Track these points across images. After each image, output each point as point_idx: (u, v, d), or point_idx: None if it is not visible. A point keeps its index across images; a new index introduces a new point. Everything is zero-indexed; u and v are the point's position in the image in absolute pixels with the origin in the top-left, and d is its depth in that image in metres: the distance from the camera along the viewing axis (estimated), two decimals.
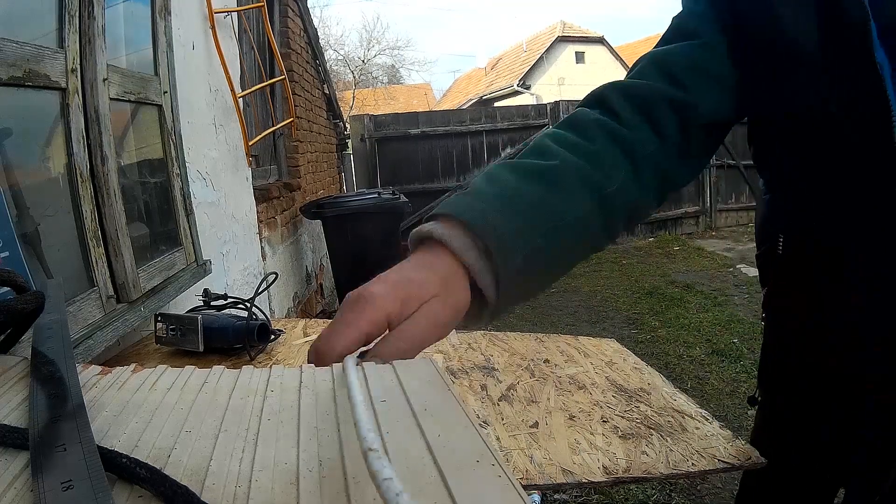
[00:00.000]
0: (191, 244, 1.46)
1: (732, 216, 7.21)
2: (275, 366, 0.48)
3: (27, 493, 0.25)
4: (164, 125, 1.39)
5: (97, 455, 0.27)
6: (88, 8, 1.03)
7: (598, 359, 1.13)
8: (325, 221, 3.15)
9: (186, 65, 1.64)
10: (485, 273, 0.44)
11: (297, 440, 0.35)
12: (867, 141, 0.51)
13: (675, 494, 1.76)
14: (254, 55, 2.77)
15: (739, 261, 5.24)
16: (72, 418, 0.32)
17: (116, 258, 1.08)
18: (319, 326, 1.30)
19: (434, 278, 0.42)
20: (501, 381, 0.98)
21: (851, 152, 0.53)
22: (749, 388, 2.49)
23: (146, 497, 0.26)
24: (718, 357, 2.89)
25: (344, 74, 18.27)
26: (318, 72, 4.74)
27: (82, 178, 1.02)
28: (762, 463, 0.72)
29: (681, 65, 0.58)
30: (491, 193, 0.48)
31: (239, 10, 2.28)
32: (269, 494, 0.27)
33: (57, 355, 0.45)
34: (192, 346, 1.05)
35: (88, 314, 0.99)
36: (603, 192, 0.52)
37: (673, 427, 0.83)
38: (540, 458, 0.72)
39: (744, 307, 3.78)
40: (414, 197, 3.86)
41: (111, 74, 1.11)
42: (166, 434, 0.35)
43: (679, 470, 0.72)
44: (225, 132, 1.98)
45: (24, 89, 0.90)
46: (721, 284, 4.43)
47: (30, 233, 0.91)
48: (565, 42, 17.31)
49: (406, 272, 0.44)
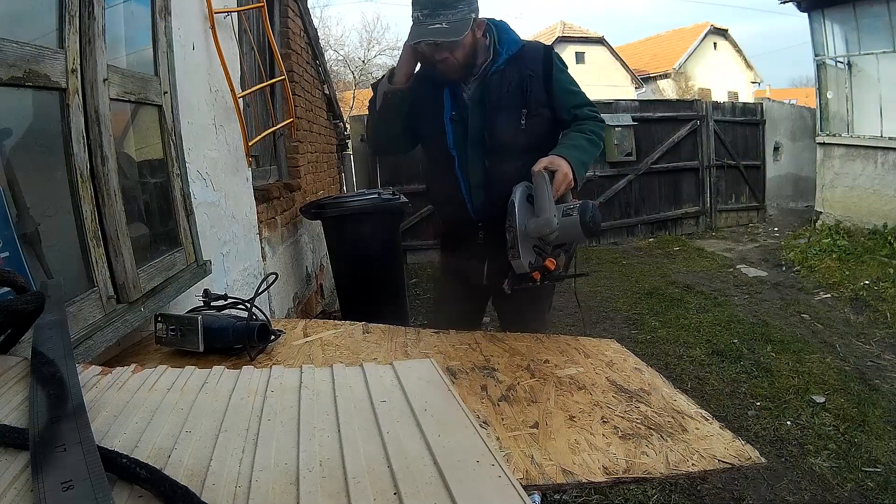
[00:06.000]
0: (191, 244, 1.46)
1: (732, 216, 7.21)
2: (275, 366, 0.48)
3: (27, 493, 0.25)
4: (164, 125, 1.39)
5: (97, 455, 0.27)
6: (88, 8, 1.03)
7: (598, 359, 1.13)
8: (325, 222, 3.14)
9: (186, 65, 1.64)
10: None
11: (297, 440, 0.35)
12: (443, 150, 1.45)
13: (675, 494, 1.76)
14: (254, 55, 2.78)
15: (739, 261, 5.24)
16: (72, 418, 0.32)
17: (116, 258, 1.08)
18: (319, 327, 1.30)
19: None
20: (501, 381, 0.98)
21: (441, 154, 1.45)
22: (749, 388, 2.49)
23: (146, 497, 0.26)
24: (718, 357, 2.89)
25: (344, 75, 18.28)
26: (319, 72, 4.74)
27: (82, 178, 1.01)
28: (762, 463, 0.72)
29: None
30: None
31: (239, 11, 2.29)
32: (269, 494, 0.27)
33: (57, 355, 0.45)
34: (192, 347, 1.05)
35: (88, 314, 0.99)
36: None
37: (673, 427, 0.83)
38: (540, 458, 0.72)
39: (744, 307, 3.78)
40: (414, 197, 3.85)
41: (111, 75, 1.11)
42: (166, 434, 0.35)
43: (679, 470, 0.72)
44: (225, 132, 1.98)
45: (24, 89, 0.90)
46: (721, 285, 4.43)
47: (30, 233, 0.91)
48: (565, 42, 17.34)
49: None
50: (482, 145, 1.39)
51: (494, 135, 1.38)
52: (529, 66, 1.39)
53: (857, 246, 5.01)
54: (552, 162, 1.27)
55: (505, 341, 1.22)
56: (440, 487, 0.28)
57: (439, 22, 1.26)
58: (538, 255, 1.23)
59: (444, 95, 1.41)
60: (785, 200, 7.89)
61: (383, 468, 0.42)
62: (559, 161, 1.26)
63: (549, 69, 1.41)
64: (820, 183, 6.29)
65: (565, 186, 1.26)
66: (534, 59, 1.40)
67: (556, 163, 1.26)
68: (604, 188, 6.31)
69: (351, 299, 3.20)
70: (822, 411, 2.24)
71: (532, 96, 1.38)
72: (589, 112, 1.44)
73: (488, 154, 1.39)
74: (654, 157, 6.50)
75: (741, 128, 7.16)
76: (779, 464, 1.90)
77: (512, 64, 1.38)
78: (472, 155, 1.40)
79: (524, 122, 1.38)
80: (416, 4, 1.28)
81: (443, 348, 1.17)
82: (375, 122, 1.47)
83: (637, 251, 6.01)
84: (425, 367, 0.72)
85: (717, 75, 18.24)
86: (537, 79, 1.39)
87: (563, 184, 1.25)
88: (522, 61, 1.39)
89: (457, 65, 1.35)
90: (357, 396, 0.64)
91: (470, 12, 1.28)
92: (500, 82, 1.37)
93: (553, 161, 1.27)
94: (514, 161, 1.37)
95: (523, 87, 1.38)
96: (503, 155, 1.39)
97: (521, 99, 1.38)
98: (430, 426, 0.34)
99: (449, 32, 1.26)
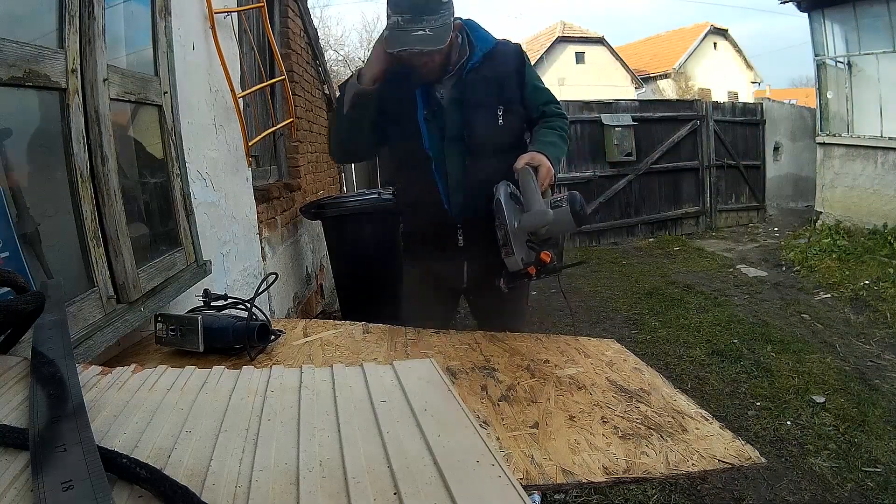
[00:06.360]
0: (191, 244, 1.46)
1: (732, 216, 7.21)
2: (275, 366, 0.48)
3: (27, 493, 0.25)
4: (164, 125, 1.39)
5: (97, 455, 0.27)
6: (88, 8, 1.03)
7: (598, 359, 1.13)
8: (325, 222, 3.15)
9: (186, 65, 1.64)
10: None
11: (297, 440, 0.35)
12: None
13: (675, 494, 1.76)
14: (254, 55, 2.77)
15: (739, 261, 5.24)
16: (72, 418, 0.32)
17: (116, 258, 1.08)
18: (319, 327, 1.30)
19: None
20: (501, 381, 0.98)
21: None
22: (749, 388, 2.50)
23: (146, 497, 0.26)
24: (718, 357, 2.89)
25: (344, 75, 18.26)
26: (319, 72, 4.74)
27: (82, 178, 1.01)
28: (762, 463, 0.72)
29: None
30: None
31: (239, 11, 2.29)
32: (269, 494, 0.27)
33: (57, 355, 0.45)
34: (192, 347, 1.05)
35: (88, 314, 0.99)
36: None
37: (673, 427, 0.83)
38: (540, 458, 0.72)
39: (744, 307, 3.78)
40: None
41: (111, 75, 1.11)
42: (166, 434, 0.35)
43: (679, 470, 0.72)
44: (225, 132, 1.98)
45: (24, 89, 0.90)
46: (721, 285, 4.43)
47: (30, 233, 0.91)
48: (565, 42, 17.33)
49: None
50: (461, 144, 1.38)
51: (473, 133, 1.37)
52: (503, 64, 1.40)
53: (857, 246, 5.01)
54: (533, 158, 1.29)
55: (505, 341, 1.22)
56: (440, 487, 0.28)
57: (422, 28, 1.23)
58: (531, 251, 1.24)
59: (417, 95, 1.38)
60: (785, 200, 7.89)
61: (383, 468, 0.42)
62: (539, 157, 1.29)
63: (521, 66, 1.43)
64: (820, 183, 6.29)
65: (549, 181, 1.29)
66: (506, 57, 1.42)
67: (537, 159, 1.29)
68: (604, 188, 6.31)
69: (351, 299, 3.20)
70: (822, 411, 2.24)
71: (508, 93, 1.39)
72: (555, 109, 1.48)
73: (468, 153, 1.38)
74: (654, 157, 6.50)
75: (741, 128, 7.16)
76: (779, 464, 1.90)
77: (487, 62, 1.38)
78: (450, 155, 1.38)
79: (501, 119, 1.38)
80: (396, 8, 1.24)
81: (443, 348, 1.17)
82: (346, 125, 1.40)
83: (637, 251, 6.01)
84: (425, 367, 0.73)
85: (717, 75, 18.23)
86: (511, 76, 1.40)
87: (546, 178, 1.28)
88: (496, 59, 1.40)
89: (436, 68, 1.34)
90: (357, 396, 0.64)
91: (449, 16, 1.28)
92: (476, 80, 1.37)
93: (534, 157, 1.29)
94: (492, 159, 1.38)
95: (499, 85, 1.38)
96: (482, 153, 1.38)
97: (498, 96, 1.38)
98: (430, 426, 0.34)
99: (433, 40, 1.25)
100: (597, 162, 6.28)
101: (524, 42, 18.87)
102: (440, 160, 1.39)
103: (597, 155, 6.27)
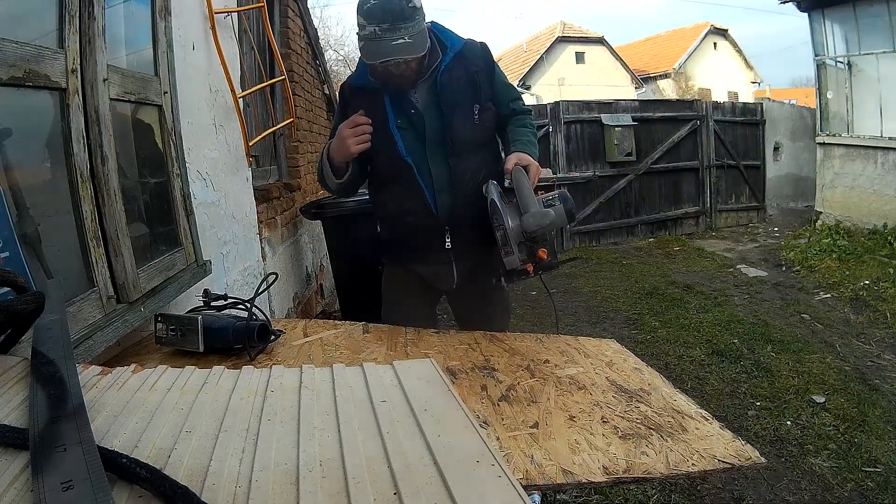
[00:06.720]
0: (191, 244, 1.46)
1: (732, 216, 7.21)
2: (275, 366, 0.48)
3: (27, 493, 0.25)
4: (164, 125, 1.39)
5: (97, 455, 0.27)
6: (88, 8, 1.03)
7: (598, 359, 1.13)
8: (325, 222, 3.14)
9: (186, 65, 1.64)
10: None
11: (297, 440, 0.35)
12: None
13: (675, 494, 1.76)
14: (254, 55, 2.77)
15: (739, 261, 5.24)
16: (72, 418, 0.32)
17: (116, 258, 1.08)
18: (319, 327, 1.30)
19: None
20: (501, 381, 0.98)
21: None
22: (749, 388, 2.49)
23: (146, 497, 0.26)
24: (718, 357, 2.89)
25: (344, 75, 18.24)
26: (319, 72, 4.74)
27: (82, 178, 1.01)
28: (762, 463, 0.72)
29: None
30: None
31: (239, 11, 2.29)
32: (269, 494, 0.27)
33: (57, 355, 0.45)
34: (192, 347, 1.05)
35: (88, 314, 0.99)
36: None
37: (673, 427, 0.83)
38: (540, 458, 0.72)
39: (744, 307, 3.78)
40: None
41: (111, 75, 1.11)
42: (166, 434, 0.35)
43: (679, 470, 0.72)
44: (225, 132, 1.98)
45: (24, 89, 0.90)
46: (721, 285, 4.42)
47: (30, 233, 0.90)
48: (565, 42, 17.31)
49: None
50: (443, 146, 1.37)
51: (455, 134, 1.37)
52: (474, 62, 1.40)
53: (857, 246, 5.01)
54: (521, 158, 1.31)
55: (505, 341, 1.22)
56: (440, 487, 0.28)
57: (401, 36, 1.22)
58: (528, 249, 1.25)
59: (386, 103, 1.37)
60: (785, 200, 7.89)
61: (383, 468, 0.42)
62: (526, 157, 1.32)
63: (490, 63, 1.44)
64: (820, 183, 6.29)
65: (536, 180, 1.32)
66: (475, 56, 1.42)
67: (525, 159, 1.32)
68: (604, 188, 6.31)
69: (351, 299, 3.20)
70: (822, 411, 2.24)
71: (481, 92, 1.40)
72: (522, 106, 1.51)
73: (451, 154, 1.38)
74: (654, 157, 6.50)
75: (741, 128, 7.16)
76: (779, 464, 1.90)
77: (457, 61, 1.38)
78: (433, 158, 1.38)
79: (477, 117, 1.39)
80: (372, 19, 1.22)
81: (443, 348, 1.17)
82: (334, 189, 1.46)
83: (637, 251, 6.00)
84: (425, 367, 0.73)
85: (717, 75, 18.22)
86: (482, 73, 1.41)
87: (535, 177, 1.31)
88: (466, 58, 1.40)
89: (412, 74, 1.34)
90: (357, 396, 0.64)
91: (423, 21, 1.27)
92: (450, 80, 1.37)
93: (521, 157, 1.32)
94: (474, 158, 1.40)
95: (472, 84, 1.39)
96: (464, 153, 1.39)
97: (473, 95, 1.39)
98: (430, 426, 0.34)
99: (414, 48, 1.24)
100: (597, 162, 6.28)
101: (524, 41, 18.89)
102: (422, 165, 1.38)
103: (597, 155, 6.27)
